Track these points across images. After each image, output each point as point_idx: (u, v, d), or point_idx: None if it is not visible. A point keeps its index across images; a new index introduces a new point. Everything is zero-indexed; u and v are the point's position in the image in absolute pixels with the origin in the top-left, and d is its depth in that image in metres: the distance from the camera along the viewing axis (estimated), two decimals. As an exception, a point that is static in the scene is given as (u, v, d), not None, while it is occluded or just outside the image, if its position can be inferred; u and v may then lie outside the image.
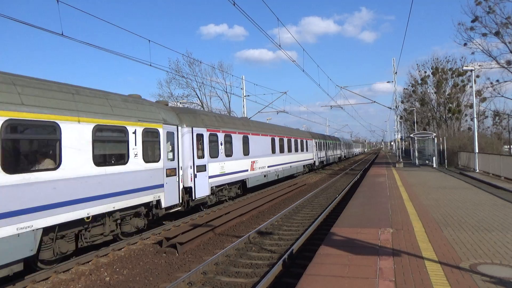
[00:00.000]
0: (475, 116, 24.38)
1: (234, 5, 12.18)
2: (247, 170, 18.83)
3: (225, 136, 16.48)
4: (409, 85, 55.35)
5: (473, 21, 29.74)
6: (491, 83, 33.64)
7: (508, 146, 49.27)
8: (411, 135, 36.36)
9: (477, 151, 23.36)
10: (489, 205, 11.41)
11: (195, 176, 13.42)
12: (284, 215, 14.07)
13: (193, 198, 13.42)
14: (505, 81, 31.54)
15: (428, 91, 51.42)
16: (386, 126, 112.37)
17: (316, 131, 51.43)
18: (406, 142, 59.48)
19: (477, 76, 36.65)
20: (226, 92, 47.26)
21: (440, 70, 48.46)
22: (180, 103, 39.92)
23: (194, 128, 13.70)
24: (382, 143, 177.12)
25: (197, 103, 45.76)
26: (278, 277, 7.53)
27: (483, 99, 38.58)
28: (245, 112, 34.30)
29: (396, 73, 34.79)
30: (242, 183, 18.66)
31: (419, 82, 52.13)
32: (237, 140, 17.79)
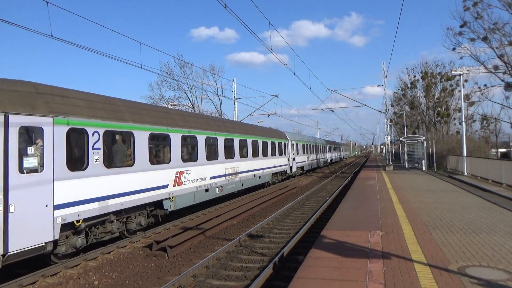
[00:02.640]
0: (463, 120, 24.76)
1: (225, 8, 12.20)
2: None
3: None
4: (399, 89, 55.99)
5: (461, 26, 30.22)
6: (479, 87, 34.17)
7: (496, 150, 50.13)
8: (401, 139, 36.74)
9: (465, 154, 23.69)
10: (477, 208, 11.56)
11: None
12: (275, 218, 14.07)
13: None
14: (493, 86, 32.06)
15: (418, 95, 52.07)
16: (376, 129, 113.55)
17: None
18: (396, 145, 60.14)
19: (466, 81, 37.24)
20: (218, 94, 47.23)
21: (429, 74, 49.10)
22: (171, 105, 39.75)
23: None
24: (373, 146, 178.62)
25: (188, 106, 45.64)
26: (268, 280, 7.52)
27: (471, 103, 39.13)
28: (236, 115, 34.28)
29: (386, 77, 35.20)
30: None
31: (409, 86, 52.75)
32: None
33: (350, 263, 6.32)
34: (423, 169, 30.81)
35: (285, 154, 28.55)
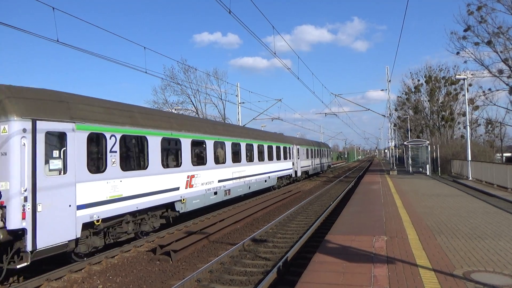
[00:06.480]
0: (468, 124, 24.63)
1: (229, 13, 12.27)
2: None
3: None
4: (402, 93, 55.92)
5: (465, 31, 30.22)
6: (484, 91, 34.02)
7: (501, 154, 49.82)
8: (405, 143, 36.63)
9: (470, 159, 23.55)
10: (482, 212, 11.49)
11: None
12: (279, 222, 14.04)
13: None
14: (497, 90, 31.90)
15: (422, 99, 51.98)
16: (380, 134, 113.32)
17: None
18: (400, 150, 59.93)
19: (470, 85, 37.10)
20: (221, 99, 47.32)
21: (433, 79, 49.02)
22: (175, 109, 39.89)
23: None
24: (376, 151, 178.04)
25: (191, 110, 45.76)
26: (272, 284, 7.50)
27: (476, 108, 38.95)
28: (239, 119, 34.34)
29: (389, 81, 35.12)
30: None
31: (413, 90, 52.68)
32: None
33: (355, 268, 6.30)
34: (427, 173, 30.66)
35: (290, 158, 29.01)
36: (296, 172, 30.42)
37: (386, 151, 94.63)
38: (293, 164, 29.41)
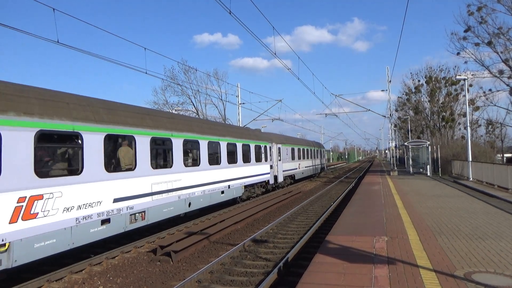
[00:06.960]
0: (468, 125, 24.61)
1: (230, 13, 12.29)
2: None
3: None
4: (403, 94, 55.85)
5: (465, 31, 30.22)
6: (484, 92, 34.00)
7: (501, 155, 49.77)
8: (405, 144, 36.64)
9: (470, 159, 23.54)
10: (483, 213, 11.48)
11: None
12: (279, 223, 14.04)
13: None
14: (498, 90, 31.89)
15: (422, 99, 51.91)
16: (381, 134, 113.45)
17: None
18: (401, 150, 59.91)
19: (470, 85, 37.07)
20: (221, 99, 47.33)
21: (433, 79, 48.97)
22: (175, 110, 39.90)
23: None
24: (377, 151, 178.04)
25: (192, 111, 45.79)
26: (273, 285, 7.50)
27: (476, 108, 38.92)
28: (240, 120, 34.35)
29: (390, 81, 35.11)
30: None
31: (413, 90, 52.63)
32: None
33: (355, 269, 6.30)
34: (428, 174, 30.66)
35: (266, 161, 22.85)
36: (276, 177, 24.81)
37: (386, 151, 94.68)
38: (271, 168, 23.66)
